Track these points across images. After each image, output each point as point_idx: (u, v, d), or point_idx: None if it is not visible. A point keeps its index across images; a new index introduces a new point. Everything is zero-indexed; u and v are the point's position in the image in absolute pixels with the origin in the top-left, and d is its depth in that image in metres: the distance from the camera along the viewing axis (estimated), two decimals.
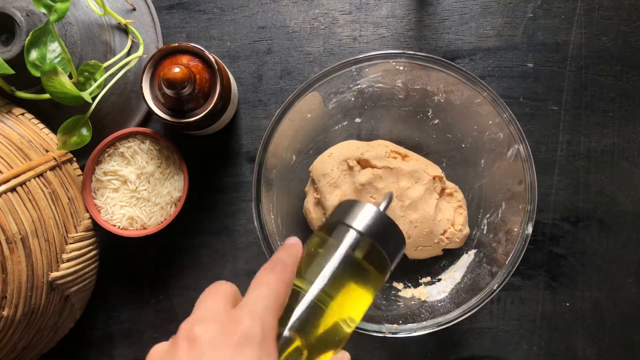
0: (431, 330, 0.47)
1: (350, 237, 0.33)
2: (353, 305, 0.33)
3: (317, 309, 0.30)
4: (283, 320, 0.30)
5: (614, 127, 0.56)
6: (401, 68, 0.50)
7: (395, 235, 0.35)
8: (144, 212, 0.52)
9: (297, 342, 0.29)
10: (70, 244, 0.49)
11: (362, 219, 0.34)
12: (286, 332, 0.29)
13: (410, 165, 0.52)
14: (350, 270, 0.32)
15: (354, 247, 0.33)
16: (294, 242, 0.33)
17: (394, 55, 0.49)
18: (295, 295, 0.31)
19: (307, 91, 0.49)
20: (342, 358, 0.31)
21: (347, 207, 0.35)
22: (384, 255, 0.34)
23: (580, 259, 0.56)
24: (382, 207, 0.35)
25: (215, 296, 0.30)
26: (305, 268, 0.32)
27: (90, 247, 0.52)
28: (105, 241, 0.56)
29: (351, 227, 0.33)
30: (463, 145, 0.54)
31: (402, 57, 0.49)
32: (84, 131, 0.50)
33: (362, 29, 0.57)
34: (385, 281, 0.35)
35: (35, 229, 0.45)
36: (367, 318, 0.48)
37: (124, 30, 0.55)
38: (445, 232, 0.52)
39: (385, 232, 0.34)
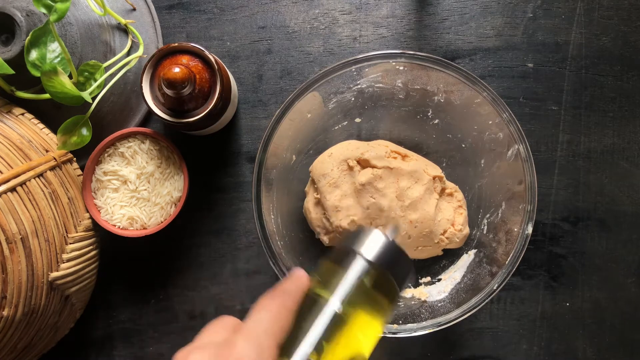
0: (431, 330, 0.47)
1: (359, 265, 0.32)
2: (363, 336, 0.32)
3: (326, 339, 0.29)
4: (287, 351, 0.29)
5: (614, 127, 0.56)
6: (401, 68, 0.50)
7: (404, 262, 0.34)
8: (144, 212, 0.52)
9: None
10: (70, 244, 0.49)
11: (371, 246, 0.33)
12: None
13: (410, 165, 0.52)
14: (359, 299, 0.31)
15: (362, 274, 0.32)
16: (300, 274, 0.32)
17: (394, 55, 0.49)
18: (303, 325, 0.30)
19: (307, 91, 0.49)
20: None
21: (355, 236, 0.34)
22: (393, 283, 0.33)
23: (580, 259, 0.56)
24: (390, 232, 0.35)
25: (215, 327, 0.30)
26: (313, 300, 0.31)
27: (90, 247, 0.52)
28: (105, 241, 0.56)
29: (360, 254, 0.33)
30: (463, 145, 0.54)
31: (402, 57, 0.49)
32: (84, 131, 0.50)
33: (362, 29, 0.57)
34: (394, 310, 0.34)
35: (35, 229, 0.45)
36: None
37: (124, 30, 0.55)
38: (445, 232, 0.52)
39: (394, 260, 0.33)
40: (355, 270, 0.32)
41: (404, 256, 0.34)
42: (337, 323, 0.30)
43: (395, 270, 0.33)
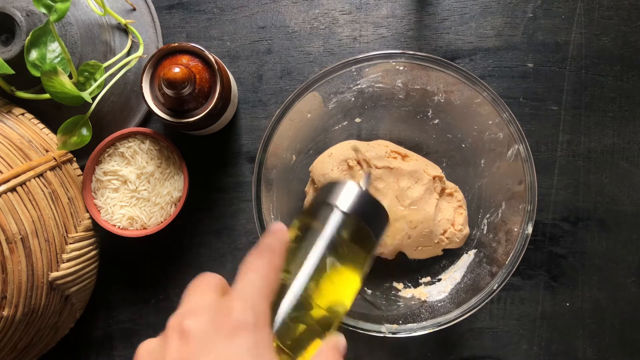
0: (431, 330, 0.47)
1: (335, 217, 0.33)
2: (343, 288, 0.32)
3: (307, 293, 0.30)
4: (274, 307, 0.29)
5: (614, 127, 0.56)
6: (401, 68, 0.50)
7: (379, 212, 0.35)
8: (144, 212, 0.52)
9: (291, 330, 0.29)
10: (70, 244, 0.49)
11: (346, 198, 0.33)
12: (279, 321, 0.29)
13: (410, 165, 0.52)
14: (337, 251, 0.32)
15: (339, 226, 0.32)
16: (279, 227, 0.32)
17: (394, 55, 0.49)
18: (283, 282, 0.30)
19: (307, 91, 0.49)
20: (337, 341, 0.30)
21: (329, 189, 0.34)
22: (369, 233, 0.33)
23: (580, 259, 0.56)
24: (364, 181, 0.35)
25: (202, 288, 0.29)
26: (293, 253, 0.32)
27: (90, 247, 0.52)
28: (105, 241, 0.56)
29: (335, 206, 0.33)
30: (463, 145, 0.54)
31: (402, 57, 0.49)
32: (84, 131, 0.50)
33: (362, 29, 0.57)
34: (372, 261, 0.35)
35: (35, 229, 0.45)
36: (367, 318, 0.48)
37: (124, 30, 0.55)
38: (445, 232, 0.52)
39: (369, 210, 0.34)
40: (332, 222, 0.32)
41: (378, 206, 0.34)
42: (317, 276, 0.30)
43: (371, 220, 0.34)
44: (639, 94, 0.56)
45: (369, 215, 0.34)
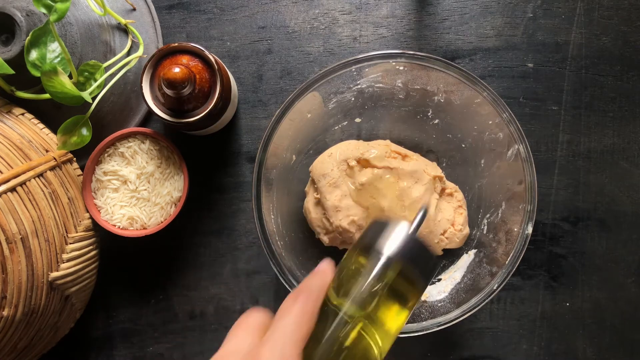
0: (431, 330, 0.47)
1: (382, 261, 0.33)
2: (386, 328, 0.33)
3: (350, 330, 0.31)
4: (317, 338, 0.30)
5: (614, 127, 0.56)
6: (401, 68, 0.50)
7: (427, 256, 0.35)
8: (144, 212, 0.52)
9: None
10: (70, 244, 0.49)
11: (393, 242, 0.34)
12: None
13: (410, 165, 0.52)
14: (382, 293, 0.32)
15: (387, 272, 0.33)
16: (324, 267, 0.33)
17: (394, 55, 0.49)
18: (331, 316, 0.31)
19: (307, 91, 0.49)
20: None
21: (379, 228, 0.35)
22: (418, 276, 0.34)
23: (580, 259, 0.56)
24: (416, 221, 0.35)
25: (244, 328, 0.31)
26: (341, 288, 0.32)
27: (90, 247, 0.52)
28: (105, 241, 0.56)
29: (381, 251, 0.33)
30: (463, 145, 0.54)
31: (402, 57, 0.49)
32: (84, 131, 0.50)
33: (362, 29, 0.57)
34: (418, 302, 0.35)
35: (35, 229, 0.45)
36: None
37: (124, 30, 0.55)
38: (445, 232, 0.52)
39: (416, 255, 0.34)
40: (379, 266, 0.33)
41: (427, 250, 0.35)
42: (363, 313, 0.31)
43: (418, 265, 0.34)
44: (639, 94, 0.56)
45: (417, 260, 0.34)
